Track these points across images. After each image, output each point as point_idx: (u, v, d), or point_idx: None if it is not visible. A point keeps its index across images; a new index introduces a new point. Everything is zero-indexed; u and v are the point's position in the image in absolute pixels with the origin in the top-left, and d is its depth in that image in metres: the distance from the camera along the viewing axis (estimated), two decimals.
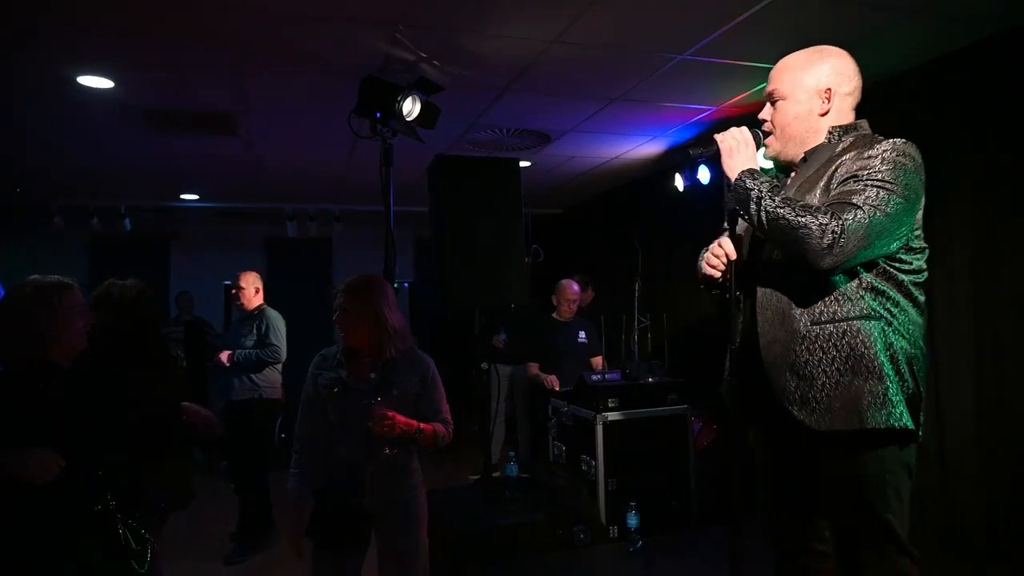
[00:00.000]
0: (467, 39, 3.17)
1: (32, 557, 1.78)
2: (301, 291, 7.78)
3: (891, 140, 1.64)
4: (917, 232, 1.66)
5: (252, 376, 4.25)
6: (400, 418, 2.20)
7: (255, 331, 4.30)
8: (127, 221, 6.54)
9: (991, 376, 3.24)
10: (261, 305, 4.42)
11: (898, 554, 1.63)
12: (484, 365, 3.69)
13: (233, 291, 4.44)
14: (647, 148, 5.19)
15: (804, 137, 1.80)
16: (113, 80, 3.58)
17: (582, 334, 4.89)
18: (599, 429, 3.79)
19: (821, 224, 1.52)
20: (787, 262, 1.68)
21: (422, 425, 2.28)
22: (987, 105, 3.25)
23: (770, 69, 1.91)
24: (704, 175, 4.70)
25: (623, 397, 3.90)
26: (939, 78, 3.48)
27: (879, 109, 3.76)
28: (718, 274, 1.81)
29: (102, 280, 2.72)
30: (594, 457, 3.81)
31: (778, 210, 1.58)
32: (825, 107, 1.78)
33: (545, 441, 4.62)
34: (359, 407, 2.20)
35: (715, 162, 1.79)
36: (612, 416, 3.82)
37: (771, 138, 1.83)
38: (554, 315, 4.97)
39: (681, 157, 4.66)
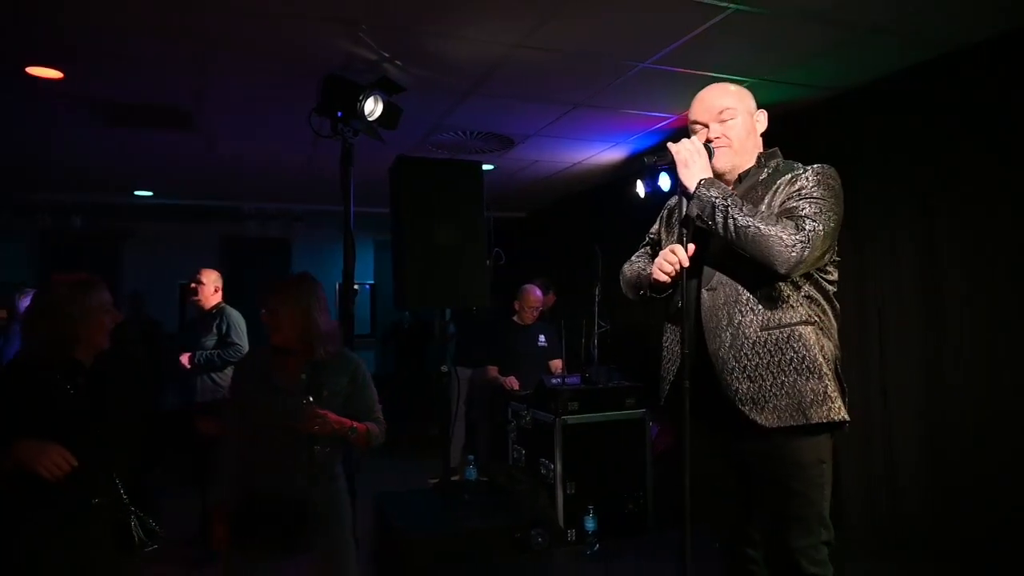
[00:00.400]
0: (430, 40, 3.16)
1: (38, 547, 1.86)
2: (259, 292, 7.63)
3: (817, 165, 1.81)
4: (836, 247, 1.83)
5: (214, 376, 4.16)
6: (332, 416, 2.18)
7: (215, 331, 4.19)
8: (77, 219, 6.34)
9: (936, 374, 3.37)
10: (220, 304, 4.31)
11: (824, 537, 1.76)
12: (444, 368, 3.66)
13: (192, 285, 4.33)
14: (609, 154, 5.25)
15: (752, 153, 1.93)
16: (63, 71, 3.47)
17: (542, 338, 4.91)
18: (558, 432, 3.81)
19: (790, 234, 1.67)
20: (740, 270, 1.78)
21: (355, 424, 2.25)
22: (932, 119, 3.38)
23: (728, 80, 1.99)
24: (665, 182, 4.75)
25: (582, 401, 3.93)
26: (886, 93, 3.60)
27: (828, 121, 3.92)
28: (668, 280, 1.86)
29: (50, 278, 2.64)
30: (553, 460, 3.83)
31: (748, 219, 1.71)
32: (761, 128, 1.97)
33: (505, 444, 4.61)
34: (289, 408, 2.16)
35: (670, 171, 1.85)
36: (571, 419, 3.84)
37: (727, 151, 1.90)
38: (515, 319, 4.98)
39: (642, 164, 4.73)
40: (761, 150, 1.96)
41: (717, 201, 1.75)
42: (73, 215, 6.31)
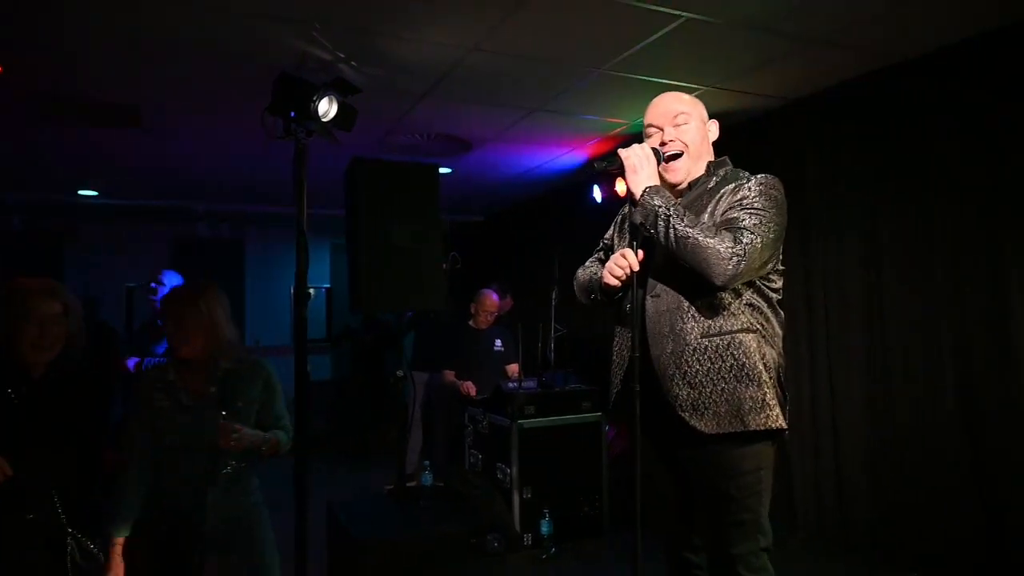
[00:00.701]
0: (385, 42, 3.13)
1: None
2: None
3: (761, 175, 1.83)
4: (780, 256, 1.86)
5: None
6: (246, 430, 2.10)
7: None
8: (17, 219, 6.08)
9: (879, 376, 3.48)
10: None
11: (763, 543, 1.78)
12: (399, 373, 3.62)
13: (152, 285, 4.18)
14: (567, 159, 5.28)
15: (703, 160, 1.96)
16: (0, 65, 3.33)
17: (498, 342, 4.91)
18: (515, 437, 3.80)
19: (727, 246, 1.68)
20: (681, 279, 1.79)
21: (268, 436, 2.19)
22: (879, 130, 3.49)
23: (683, 87, 2.02)
24: (622, 188, 4.80)
25: (539, 405, 3.93)
26: (834, 102, 3.71)
27: (779, 130, 4.01)
28: (618, 284, 1.87)
29: None
30: (509, 465, 3.82)
31: (687, 229, 1.71)
32: (713, 137, 2.01)
33: (462, 449, 4.59)
34: (200, 424, 2.08)
35: (620, 176, 1.86)
36: (528, 423, 3.84)
37: (683, 158, 1.93)
38: (471, 323, 4.96)
39: (592, 169, 4.78)
40: (712, 159, 1.98)
41: (660, 209, 1.76)
42: (13, 215, 6.04)
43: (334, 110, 3.26)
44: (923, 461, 3.25)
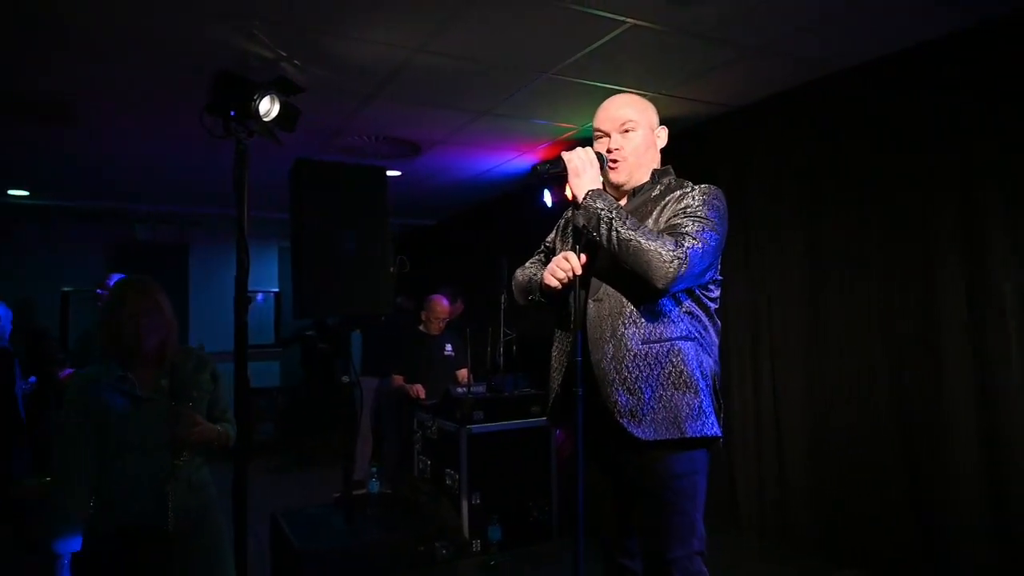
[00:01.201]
0: (328, 40, 3.07)
1: None
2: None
3: (704, 185, 1.86)
4: (719, 266, 1.89)
5: None
6: (205, 421, 2.12)
7: None
8: None
9: (819, 384, 3.56)
10: None
11: (698, 547, 1.80)
12: (345, 378, 3.56)
13: (98, 291, 4.00)
14: (517, 163, 5.28)
15: (648, 167, 1.96)
16: None
17: (448, 347, 4.87)
18: (463, 442, 3.77)
19: (669, 250, 1.69)
20: (625, 283, 1.79)
21: (218, 428, 2.19)
22: (818, 139, 3.58)
23: (630, 93, 2.03)
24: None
25: (488, 409, 3.91)
26: (777, 110, 3.80)
27: (723, 136, 4.09)
28: (560, 286, 1.86)
29: None
30: (458, 470, 3.78)
31: (630, 232, 1.72)
32: (661, 144, 1.99)
33: (412, 456, 4.53)
34: (156, 417, 2.04)
35: (563, 180, 1.86)
36: (477, 429, 3.81)
37: (623, 164, 1.93)
38: (421, 328, 4.91)
39: (535, 171, 4.81)
40: (658, 166, 1.99)
41: (602, 213, 1.76)
42: None
43: (276, 109, 3.19)
44: (860, 463, 3.33)
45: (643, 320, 1.78)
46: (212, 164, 5.11)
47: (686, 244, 1.70)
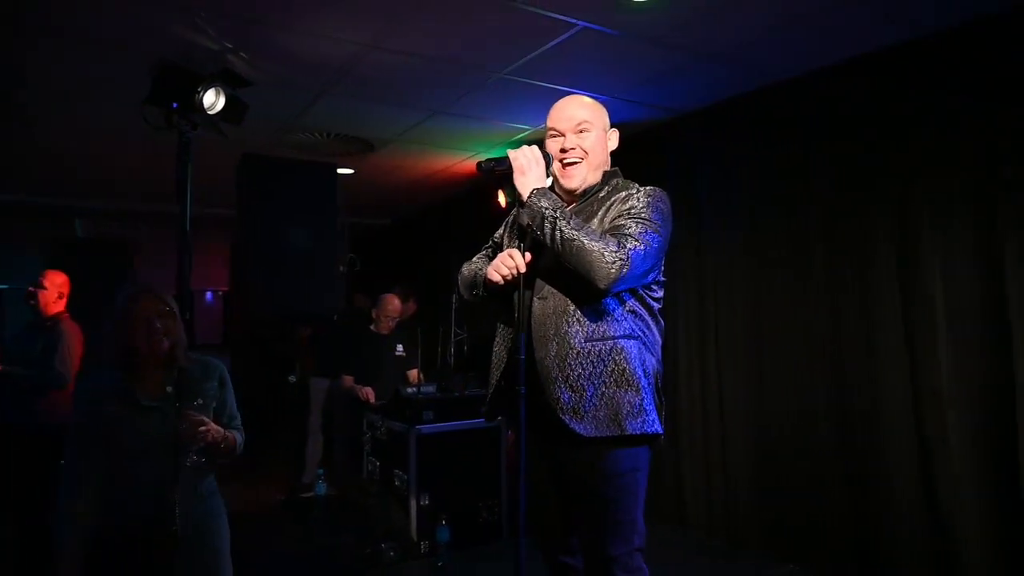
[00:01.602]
0: (276, 33, 3.01)
1: None
2: (94, 302, 6.94)
3: (650, 187, 1.88)
4: (662, 267, 1.91)
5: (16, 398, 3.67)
6: (210, 423, 2.06)
7: (40, 343, 3.70)
8: None
9: (761, 383, 3.66)
10: (60, 314, 3.82)
11: (638, 544, 1.82)
12: (292, 378, 3.49)
13: (31, 289, 3.83)
14: (472, 163, 5.26)
15: (600, 169, 1.97)
16: None
17: (399, 347, 4.82)
18: (412, 442, 3.74)
19: (612, 251, 1.70)
20: (569, 282, 1.80)
21: (227, 433, 2.13)
22: (764, 145, 3.67)
23: (581, 94, 2.05)
24: None
25: (437, 410, 3.88)
26: (726, 117, 3.88)
27: (673, 141, 4.15)
28: (502, 282, 1.86)
29: None
30: (407, 471, 3.75)
31: (573, 232, 1.72)
32: (612, 146, 2.02)
33: (361, 457, 4.47)
34: (162, 424, 2.01)
35: (508, 178, 1.85)
36: (426, 429, 3.79)
37: (581, 165, 1.93)
38: (372, 327, 4.85)
39: (480, 168, 4.84)
40: (608, 168, 2.00)
41: (547, 212, 1.76)
42: None
43: (221, 102, 3.13)
44: (801, 459, 3.42)
45: (587, 319, 1.79)
46: (157, 159, 4.96)
47: (628, 246, 1.71)
